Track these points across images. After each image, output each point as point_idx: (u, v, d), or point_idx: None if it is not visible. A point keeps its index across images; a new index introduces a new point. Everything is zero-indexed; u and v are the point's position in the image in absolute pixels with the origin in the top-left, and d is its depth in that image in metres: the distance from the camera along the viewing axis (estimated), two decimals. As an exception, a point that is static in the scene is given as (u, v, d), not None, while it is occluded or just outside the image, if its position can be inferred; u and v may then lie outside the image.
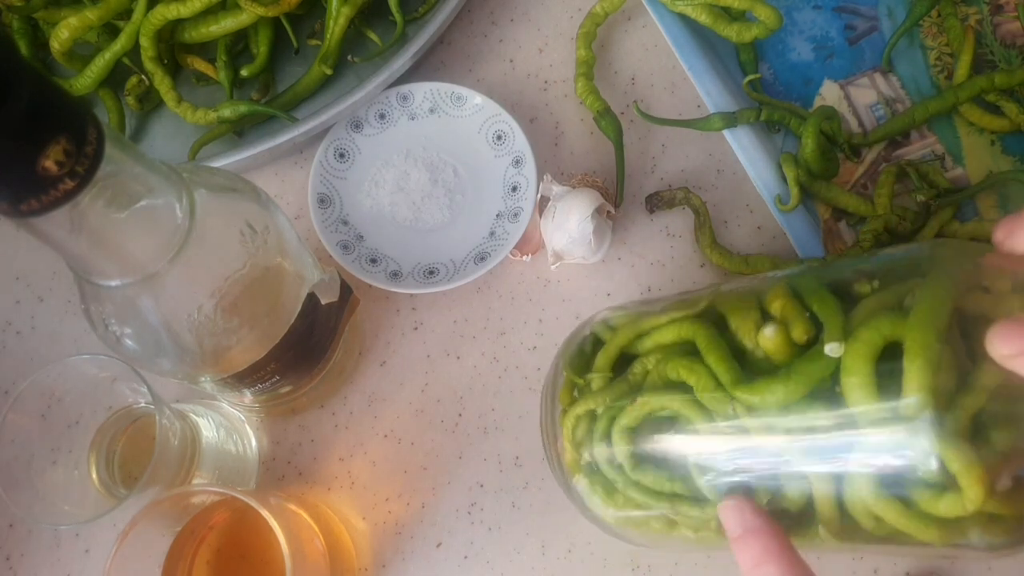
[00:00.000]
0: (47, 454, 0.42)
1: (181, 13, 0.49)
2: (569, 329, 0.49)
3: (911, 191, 0.50)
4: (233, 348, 0.34)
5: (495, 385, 0.49)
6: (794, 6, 0.55)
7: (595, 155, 0.53)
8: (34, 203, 0.23)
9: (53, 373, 0.40)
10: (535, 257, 0.50)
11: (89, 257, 0.27)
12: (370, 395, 0.49)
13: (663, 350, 0.35)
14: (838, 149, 0.51)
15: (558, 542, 0.46)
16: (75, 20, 0.48)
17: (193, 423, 0.44)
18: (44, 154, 0.22)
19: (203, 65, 0.52)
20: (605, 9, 0.52)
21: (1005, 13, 0.54)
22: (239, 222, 0.32)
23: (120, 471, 0.45)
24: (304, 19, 0.54)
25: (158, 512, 0.36)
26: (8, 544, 0.46)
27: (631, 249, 0.51)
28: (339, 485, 0.47)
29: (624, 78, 0.54)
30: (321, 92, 0.53)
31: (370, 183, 0.51)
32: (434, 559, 0.46)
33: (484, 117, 0.51)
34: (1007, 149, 0.51)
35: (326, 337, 0.42)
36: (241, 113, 0.50)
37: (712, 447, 0.32)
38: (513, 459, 0.48)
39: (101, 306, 0.30)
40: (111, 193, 0.25)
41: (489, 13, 0.56)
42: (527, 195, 0.50)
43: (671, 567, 0.46)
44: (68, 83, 0.51)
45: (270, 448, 0.48)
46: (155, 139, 0.53)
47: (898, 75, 0.53)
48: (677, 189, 0.50)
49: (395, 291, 0.49)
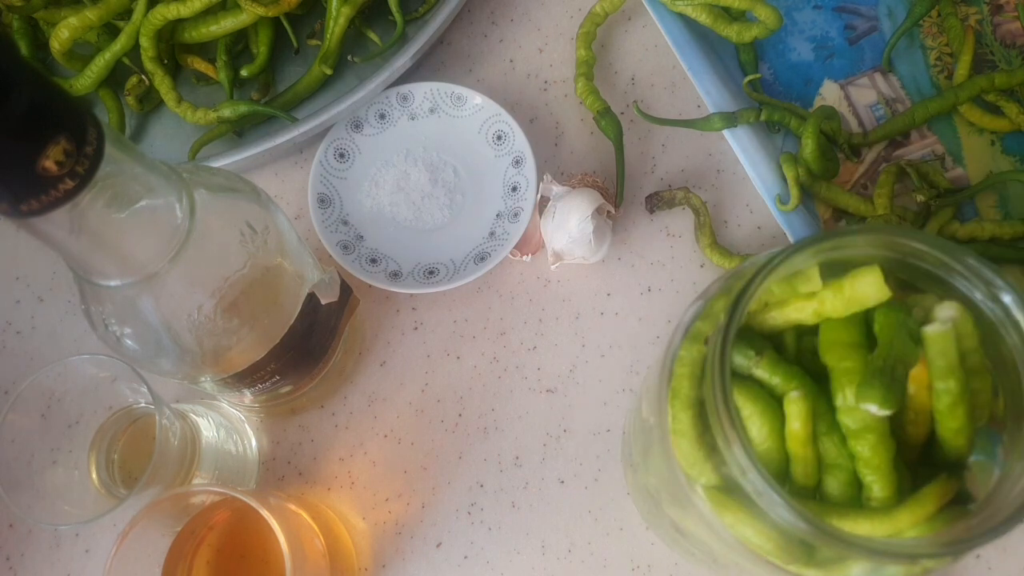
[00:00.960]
0: (47, 454, 0.42)
1: (181, 13, 0.49)
2: (569, 329, 0.49)
3: (911, 191, 0.50)
4: (233, 348, 0.34)
5: (495, 385, 0.49)
6: (794, 6, 0.55)
7: (595, 155, 0.53)
8: (34, 203, 0.23)
9: (53, 373, 0.40)
10: (535, 257, 0.50)
11: (89, 257, 0.27)
12: (370, 395, 0.49)
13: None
14: (838, 149, 0.51)
15: (558, 542, 0.46)
16: (75, 20, 0.48)
17: (193, 423, 0.44)
18: (44, 154, 0.22)
19: (203, 65, 0.52)
20: (605, 9, 0.52)
21: (1005, 13, 0.54)
22: (239, 222, 0.32)
23: (120, 471, 0.45)
24: (304, 19, 0.54)
25: (158, 512, 0.36)
26: (8, 544, 0.46)
27: (631, 249, 0.51)
28: (339, 485, 0.47)
29: (624, 78, 0.54)
30: (321, 92, 0.53)
31: (370, 183, 0.51)
32: (434, 559, 0.46)
33: (484, 117, 0.51)
34: (1007, 149, 0.51)
35: (326, 337, 0.42)
36: (241, 113, 0.50)
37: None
38: (513, 459, 0.48)
39: (101, 306, 0.30)
40: (111, 193, 0.25)
41: (489, 13, 0.56)
42: (527, 195, 0.50)
43: (671, 567, 0.46)
44: (68, 83, 0.51)
45: (270, 448, 0.48)
46: (155, 139, 0.53)
47: (898, 75, 0.53)
48: (677, 189, 0.50)
49: (395, 291, 0.49)
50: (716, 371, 0.27)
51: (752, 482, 0.26)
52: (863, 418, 0.28)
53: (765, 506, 0.26)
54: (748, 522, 0.28)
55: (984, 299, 0.28)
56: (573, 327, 0.50)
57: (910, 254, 0.29)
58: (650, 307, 0.50)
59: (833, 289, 0.29)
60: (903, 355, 0.28)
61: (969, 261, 0.28)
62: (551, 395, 0.49)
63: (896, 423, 0.29)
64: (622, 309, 0.50)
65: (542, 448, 0.48)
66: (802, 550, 0.29)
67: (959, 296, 0.29)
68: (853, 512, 0.28)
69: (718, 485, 0.29)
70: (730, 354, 0.27)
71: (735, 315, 0.27)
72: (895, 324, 0.28)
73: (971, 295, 0.28)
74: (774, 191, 0.48)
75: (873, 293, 0.29)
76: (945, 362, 0.27)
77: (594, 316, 0.50)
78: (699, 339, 0.30)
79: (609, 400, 0.48)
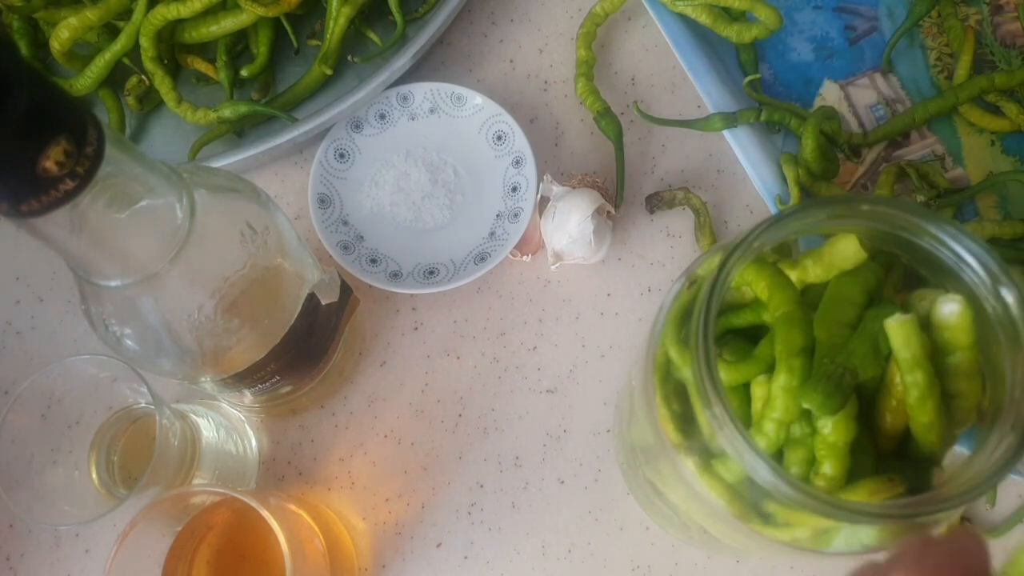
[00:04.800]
0: (47, 454, 0.42)
1: (181, 13, 0.49)
2: (569, 329, 0.49)
3: (911, 191, 0.50)
4: (233, 348, 0.34)
5: (495, 385, 0.49)
6: (794, 6, 0.55)
7: (595, 155, 0.53)
8: (34, 203, 0.23)
9: (53, 373, 0.40)
10: (535, 257, 0.50)
11: (89, 257, 0.27)
12: (370, 395, 0.49)
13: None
14: (838, 149, 0.51)
15: (558, 542, 0.46)
16: (75, 20, 0.48)
17: (193, 423, 0.44)
18: (44, 154, 0.22)
19: (203, 65, 0.52)
20: (605, 9, 0.52)
21: (1005, 13, 0.54)
22: (239, 222, 0.32)
23: (120, 471, 0.45)
24: (304, 19, 0.54)
25: (158, 512, 0.36)
26: (8, 544, 0.46)
27: (631, 249, 0.51)
28: (339, 485, 0.47)
29: (624, 78, 0.54)
30: (321, 92, 0.53)
31: (370, 183, 0.51)
32: (434, 559, 0.46)
33: (484, 117, 0.51)
34: (1007, 149, 0.51)
35: (326, 337, 0.42)
36: (241, 113, 0.50)
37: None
38: (513, 459, 0.48)
39: (101, 306, 0.30)
40: (111, 193, 0.25)
41: (489, 13, 0.56)
42: (527, 195, 0.50)
43: (671, 567, 0.46)
44: (68, 83, 0.51)
45: (270, 448, 0.48)
46: (155, 139, 0.53)
47: (898, 75, 0.53)
48: (677, 189, 0.50)
49: (395, 291, 0.49)
50: (700, 340, 0.27)
51: (728, 437, 0.27)
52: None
53: (735, 453, 0.27)
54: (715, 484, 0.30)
55: (976, 280, 0.28)
56: (573, 327, 0.50)
57: (902, 227, 0.29)
58: (650, 307, 0.50)
59: (813, 256, 0.30)
60: (860, 362, 0.28)
61: (971, 244, 0.28)
62: (551, 395, 0.49)
63: (872, 410, 0.29)
64: (622, 309, 0.50)
65: (542, 448, 0.48)
66: (754, 509, 0.29)
67: (965, 291, 0.29)
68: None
69: (691, 445, 0.31)
70: (714, 323, 0.28)
71: (723, 272, 0.28)
72: (869, 330, 0.28)
73: (976, 289, 0.28)
74: (774, 191, 0.48)
75: (851, 255, 0.30)
76: (909, 353, 0.27)
77: (594, 316, 0.50)
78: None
79: (609, 400, 0.48)
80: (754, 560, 0.46)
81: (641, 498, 0.44)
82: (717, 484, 0.30)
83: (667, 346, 0.31)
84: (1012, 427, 0.27)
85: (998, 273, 0.28)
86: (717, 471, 0.30)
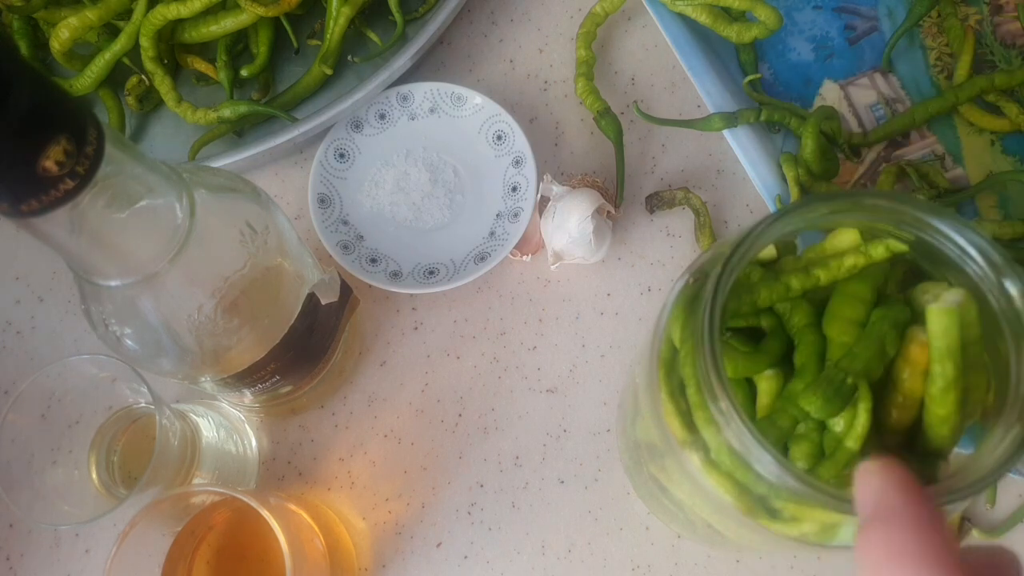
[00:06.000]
0: (47, 454, 0.42)
1: (181, 13, 0.49)
2: (569, 329, 0.49)
3: (911, 191, 0.50)
4: (233, 348, 0.34)
5: (495, 385, 0.49)
6: (794, 6, 0.55)
7: (595, 155, 0.53)
8: (34, 203, 0.23)
9: (53, 373, 0.40)
10: (535, 257, 0.50)
11: (89, 257, 0.27)
12: (370, 395, 0.49)
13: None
14: (838, 149, 0.51)
15: (558, 542, 0.46)
16: (75, 20, 0.48)
17: (193, 423, 0.44)
18: (44, 154, 0.22)
19: (203, 65, 0.52)
20: (605, 9, 0.52)
21: (1005, 13, 0.54)
22: (239, 222, 0.32)
23: (120, 471, 0.45)
24: (304, 19, 0.54)
25: (158, 512, 0.36)
26: (8, 544, 0.46)
27: (631, 249, 0.51)
28: (339, 485, 0.47)
29: (624, 78, 0.54)
30: (321, 92, 0.53)
31: (370, 183, 0.51)
32: (434, 559, 0.46)
33: (484, 117, 0.51)
34: (1007, 149, 0.51)
35: (326, 337, 0.42)
36: (241, 113, 0.50)
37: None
38: (513, 459, 0.48)
39: (101, 306, 0.30)
40: (111, 193, 0.25)
41: (489, 13, 0.56)
42: (527, 195, 0.50)
43: (671, 567, 0.46)
44: (68, 83, 0.51)
45: (270, 448, 0.48)
46: (155, 139, 0.53)
47: (898, 75, 0.53)
48: (677, 189, 0.50)
49: (395, 291, 0.49)
50: (706, 332, 0.27)
51: (735, 430, 0.27)
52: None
53: (743, 448, 0.27)
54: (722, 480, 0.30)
55: (980, 273, 0.28)
56: (573, 327, 0.50)
57: (905, 221, 0.29)
58: (650, 307, 0.50)
59: (816, 251, 0.31)
60: (865, 366, 0.28)
61: (973, 236, 0.28)
62: (551, 395, 0.49)
63: (881, 404, 0.29)
64: (622, 309, 0.50)
65: (542, 448, 0.48)
66: (762, 505, 0.29)
67: (969, 284, 0.29)
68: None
69: (697, 441, 0.30)
70: (719, 317, 0.28)
71: (734, 257, 0.28)
72: (876, 333, 0.28)
73: (979, 282, 0.28)
74: (774, 191, 0.48)
75: (850, 247, 0.30)
76: (946, 343, 0.27)
77: (594, 316, 0.50)
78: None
79: (609, 400, 0.48)
80: (754, 560, 0.46)
81: (646, 496, 0.44)
82: (724, 480, 0.29)
83: (672, 339, 0.31)
84: (1019, 418, 0.27)
85: (1002, 265, 0.28)
86: (722, 466, 0.30)
